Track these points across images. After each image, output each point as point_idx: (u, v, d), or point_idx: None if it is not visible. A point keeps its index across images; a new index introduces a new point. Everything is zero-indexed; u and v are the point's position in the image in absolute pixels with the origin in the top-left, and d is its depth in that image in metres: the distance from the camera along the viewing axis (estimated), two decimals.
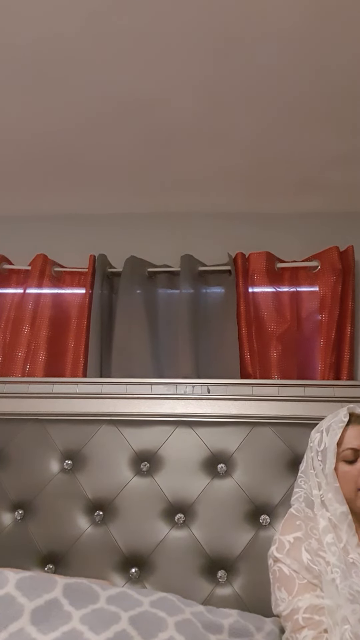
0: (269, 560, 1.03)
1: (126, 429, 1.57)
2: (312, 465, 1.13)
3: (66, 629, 0.97)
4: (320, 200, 2.00)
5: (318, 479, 1.10)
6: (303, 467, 1.18)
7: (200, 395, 1.62)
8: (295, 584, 0.95)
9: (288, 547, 0.99)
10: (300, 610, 0.91)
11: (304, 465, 1.18)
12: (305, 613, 0.90)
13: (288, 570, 0.97)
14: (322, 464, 1.10)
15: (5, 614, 0.98)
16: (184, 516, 1.42)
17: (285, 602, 0.94)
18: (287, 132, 1.66)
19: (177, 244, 2.01)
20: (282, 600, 0.95)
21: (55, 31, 1.33)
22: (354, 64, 1.40)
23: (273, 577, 1.00)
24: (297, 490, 1.16)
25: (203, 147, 1.75)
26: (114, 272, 1.97)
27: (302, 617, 0.90)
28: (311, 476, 1.12)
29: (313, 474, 1.12)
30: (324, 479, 1.08)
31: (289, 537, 1.01)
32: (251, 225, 2.04)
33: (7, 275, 2.04)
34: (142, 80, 1.48)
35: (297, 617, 0.91)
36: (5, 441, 1.59)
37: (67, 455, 1.55)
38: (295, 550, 0.99)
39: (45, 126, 1.68)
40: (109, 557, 1.39)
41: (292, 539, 1.00)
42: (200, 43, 1.35)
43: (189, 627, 1.04)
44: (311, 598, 0.92)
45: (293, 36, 1.32)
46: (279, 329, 1.80)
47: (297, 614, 0.91)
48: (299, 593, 0.93)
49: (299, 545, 0.99)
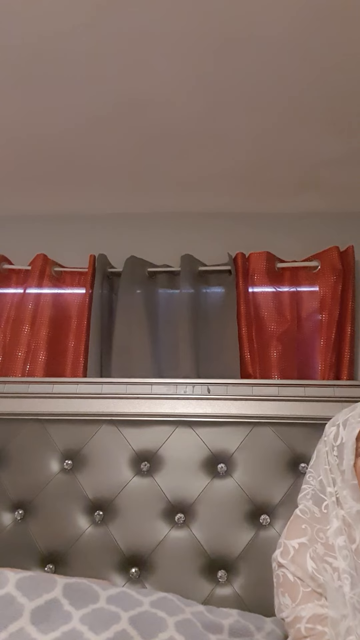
0: (273, 563, 1.00)
1: (126, 429, 1.57)
2: (327, 460, 1.07)
3: (66, 629, 0.97)
4: (320, 200, 2.00)
5: (333, 474, 1.04)
6: (313, 462, 1.12)
7: (201, 395, 1.62)
8: (299, 591, 0.92)
9: (292, 554, 0.96)
10: (303, 619, 0.89)
11: (313, 460, 1.12)
12: (308, 623, 0.89)
13: (292, 577, 0.94)
14: (338, 459, 1.04)
15: (5, 613, 0.98)
16: (184, 516, 1.42)
17: (288, 608, 0.92)
18: (287, 132, 1.66)
19: (177, 244, 2.01)
20: (286, 607, 0.93)
21: (54, 31, 1.33)
22: (354, 64, 1.40)
23: (277, 581, 0.98)
24: (305, 487, 1.10)
25: (203, 147, 1.75)
26: (114, 272, 1.97)
27: (305, 627, 0.88)
28: (324, 472, 1.06)
29: (327, 469, 1.06)
30: (340, 476, 1.02)
31: (294, 543, 0.98)
32: (251, 225, 2.04)
33: (7, 275, 2.04)
34: (141, 80, 1.48)
35: (300, 626, 0.89)
36: (5, 441, 1.59)
37: (67, 455, 1.55)
38: (299, 557, 0.96)
39: (45, 126, 1.68)
40: (109, 557, 1.39)
41: (297, 545, 0.97)
42: (200, 43, 1.35)
43: (189, 627, 1.04)
44: (314, 607, 0.90)
45: (293, 36, 1.32)
46: (279, 329, 1.80)
47: (300, 623, 0.89)
48: (303, 601, 0.91)
49: (304, 553, 0.96)
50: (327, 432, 1.11)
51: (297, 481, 1.43)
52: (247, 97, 1.52)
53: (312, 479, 1.09)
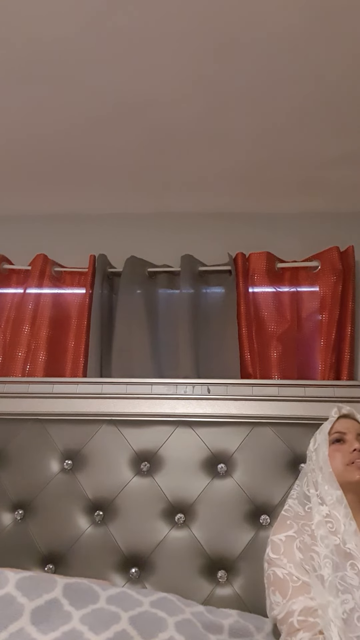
0: (265, 564, 1.03)
1: (126, 429, 1.57)
2: (310, 467, 1.17)
3: (66, 629, 0.97)
4: (320, 200, 2.00)
5: (314, 474, 1.13)
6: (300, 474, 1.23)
7: (201, 395, 1.62)
8: (289, 586, 0.94)
9: (282, 548, 1.00)
10: (294, 613, 0.91)
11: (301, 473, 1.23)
12: (300, 615, 0.90)
13: (282, 573, 0.97)
14: (317, 455, 1.15)
15: (5, 613, 0.98)
16: (184, 516, 1.42)
17: (279, 605, 0.94)
18: (287, 132, 1.66)
19: (177, 244, 2.01)
20: (277, 604, 0.95)
21: (55, 31, 1.33)
22: (354, 64, 1.40)
23: (267, 581, 1.00)
24: (293, 490, 1.20)
25: (203, 147, 1.75)
26: (114, 272, 1.97)
27: (297, 620, 0.90)
28: (308, 478, 1.16)
29: (310, 476, 1.15)
30: (320, 473, 1.11)
31: (281, 536, 1.02)
32: (251, 225, 2.04)
33: (7, 275, 2.04)
34: (142, 80, 1.48)
35: (292, 620, 0.90)
36: (5, 441, 1.59)
37: (67, 455, 1.55)
38: (288, 549, 0.99)
39: (45, 126, 1.68)
40: (109, 557, 1.39)
41: (284, 537, 1.01)
42: (201, 43, 1.35)
43: (189, 627, 1.04)
44: (305, 600, 0.92)
45: (293, 36, 1.32)
46: (279, 329, 1.80)
47: (292, 616, 0.91)
48: (293, 596, 0.93)
49: (291, 544, 1.00)
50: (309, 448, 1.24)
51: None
52: (248, 97, 1.52)
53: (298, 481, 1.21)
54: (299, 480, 1.21)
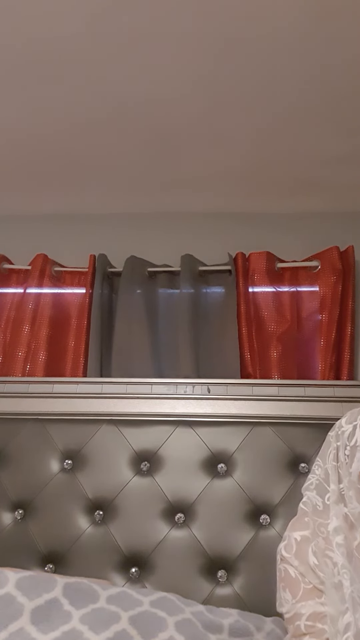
0: (277, 556, 1.00)
1: (126, 428, 1.57)
2: (337, 457, 1.04)
3: (66, 629, 0.97)
4: (320, 200, 2.00)
5: (341, 470, 1.02)
6: (321, 450, 1.09)
7: (201, 395, 1.62)
8: (300, 587, 0.92)
9: (295, 548, 0.96)
10: (302, 617, 0.89)
11: (322, 449, 1.09)
12: (308, 620, 0.88)
13: (294, 573, 0.94)
14: (349, 459, 1.00)
15: (5, 613, 0.98)
16: (184, 516, 1.42)
17: (288, 604, 0.92)
18: (287, 132, 1.66)
19: (177, 244, 2.01)
20: (286, 602, 0.93)
21: (54, 31, 1.33)
22: (354, 64, 1.40)
23: (279, 575, 0.97)
24: (310, 477, 1.08)
25: (203, 147, 1.75)
26: (114, 272, 1.97)
27: (305, 625, 0.88)
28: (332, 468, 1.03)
29: (335, 465, 1.03)
30: (348, 476, 1.00)
31: (296, 535, 0.98)
32: (251, 225, 2.04)
33: (7, 275, 2.04)
34: (142, 80, 1.48)
35: (299, 623, 0.89)
36: (5, 441, 1.59)
37: (67, 455, 1.55)
38: (302, 551, 0.95)
39: (45, 126, 1.68)
40: (109, 556, 1.39)
41: (299, 537, 0.97)
42: (200, 43, 1.35)
43: (189, 626, 1.04)
44: (314, 605, 0.89)
45: (292, 36, 1.32)
46: (279, 329, 1.80)
47: (300, 620, 0.89)
48: (303, 598, 0.91)
49: (306, 546, 0.96)
50: (344, 428, 1.05)
51: (297, 481, 1.43)
52: (247, 97, 1.52)
53: (317, 468, 1.07)
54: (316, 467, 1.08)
